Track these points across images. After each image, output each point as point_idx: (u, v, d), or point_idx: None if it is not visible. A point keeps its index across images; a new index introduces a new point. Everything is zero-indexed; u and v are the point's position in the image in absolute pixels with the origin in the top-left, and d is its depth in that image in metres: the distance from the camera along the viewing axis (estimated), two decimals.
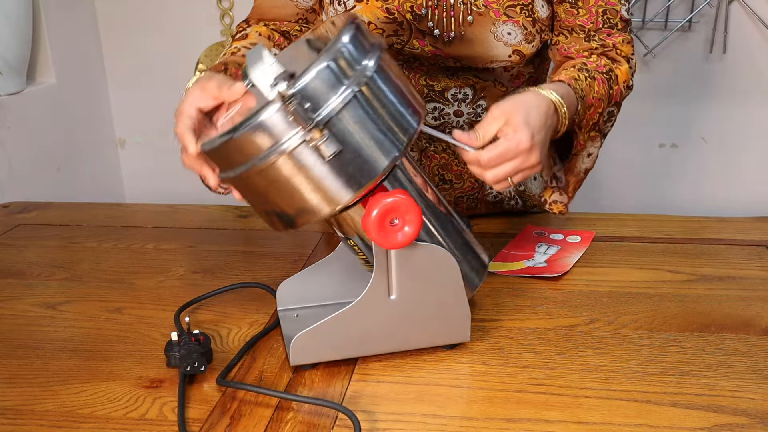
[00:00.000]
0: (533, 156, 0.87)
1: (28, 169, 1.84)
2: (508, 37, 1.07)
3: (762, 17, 1.88)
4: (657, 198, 2.08)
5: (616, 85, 1.06)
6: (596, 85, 1.02)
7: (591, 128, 1.04)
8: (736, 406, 0.77)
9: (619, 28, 1.09)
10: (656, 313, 0.96)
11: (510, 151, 0.86)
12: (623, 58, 1.09)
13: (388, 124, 0.76)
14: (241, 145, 0.74)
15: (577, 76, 1.00)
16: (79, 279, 1.12)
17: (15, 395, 0.82)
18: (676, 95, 1.99)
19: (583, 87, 0.99)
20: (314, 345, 0.83)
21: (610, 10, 1.07)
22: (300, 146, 0.72)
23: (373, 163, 0.75)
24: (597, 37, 1.09)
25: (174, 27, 2.12)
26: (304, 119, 0.71)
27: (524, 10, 1.07)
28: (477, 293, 0.99)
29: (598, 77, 1.03)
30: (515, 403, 0.78)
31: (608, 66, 1.06)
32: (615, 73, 1.07)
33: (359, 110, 0.74)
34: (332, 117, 0.72)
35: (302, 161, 0.73)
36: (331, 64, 0.73)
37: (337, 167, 0.74)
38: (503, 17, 1.06)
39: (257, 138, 0.73)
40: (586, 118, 1.01)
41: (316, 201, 0.76)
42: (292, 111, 0.71)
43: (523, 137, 0.86)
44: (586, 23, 1.08)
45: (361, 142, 0.74)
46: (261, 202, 0.80)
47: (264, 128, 0.73)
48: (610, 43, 1.09)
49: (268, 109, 0.72)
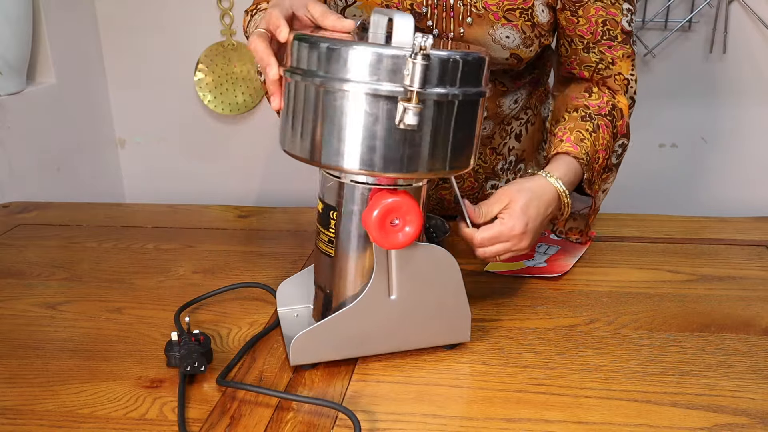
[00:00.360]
0: (524, 242, 0.91)
1: (28, 169, 1.84)
2: (506, 40, 1.06)
3: (762, 17, 1.88)
4: (657, 198, 2.08)
5: (620, 120, 1.07)
6: (602, 134, 1.03)
7: (601, 173, 1.06)
8: (736, 406, 0.77)
9: (619, 40, 1.07)
10: (656, 313, 0.96)
11: (503, 235, 0.90)
12: (621, 83, 1.09)
13: (454, 146, 0.78)
14: (346, 57, 0.74)
15: (582, 136, 1.01)
16: (79, 279, 1.12)
17: (15, 395, 0.82)
18: (676, 95, 1.99)
19: (588, 149, 1.01)
20: (314, 345, 0.83)
21: (610, 20, 1.06)
22: (389, 96, 0.73)
23: (415, 165, 0.76)
24: (596, 50, 1.08)
25: (174, 27, 2.12)
26: (416, 79, 0.72)
27: (524, 14, 1.06)
28: (477, 293, 0.99)
29: (602, 124, 1.04)
30: (515, 403, 0.78)
31: (611, 103, 1.07)
32: (618, 108, 1.07)
33: (451, 114, 0.76)
34: (435, 100, 0.74)
35: (378, 110, 0.74)
36: (466, 62, 0.75)
37: (395, 139, 0.75)
38: (502, 20, 1.06)
39: (367, 61, 0.73)
40: (596, 170, 1.03)
41: (351, 151, 0.76)
42: (415, 65, 0.71)
43: (518, 224, 0.90)
44: (585, 33, 1.07)
45: (428, 140, 0.76)
46: (301, 118, 0.79)
47: (382, 57, 0.73)
48: (609, 57, 1.08)
49: (400, 48, 0.73)
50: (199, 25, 2.09)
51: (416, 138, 0.75)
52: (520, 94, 1.19)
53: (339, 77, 0.74)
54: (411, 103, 0.72)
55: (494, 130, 1.20)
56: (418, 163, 0.77)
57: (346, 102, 0.75)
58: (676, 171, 2.06)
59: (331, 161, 0.77)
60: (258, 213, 1.37)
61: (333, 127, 0.76)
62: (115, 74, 2.20)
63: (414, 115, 0.73)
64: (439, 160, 0.78)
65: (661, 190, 2.07)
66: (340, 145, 0.76)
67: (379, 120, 0.74)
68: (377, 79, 0.73)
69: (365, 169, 0.76)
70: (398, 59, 0.72)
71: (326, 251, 0.85)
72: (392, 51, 0.73)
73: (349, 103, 0.75)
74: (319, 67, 0.76)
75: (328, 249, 0.85)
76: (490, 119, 1.18)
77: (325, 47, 0.75)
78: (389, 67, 0.73)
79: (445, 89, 0.75)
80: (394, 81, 0.73)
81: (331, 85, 0.75)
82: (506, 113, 1.18)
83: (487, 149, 1.22)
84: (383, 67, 0.73)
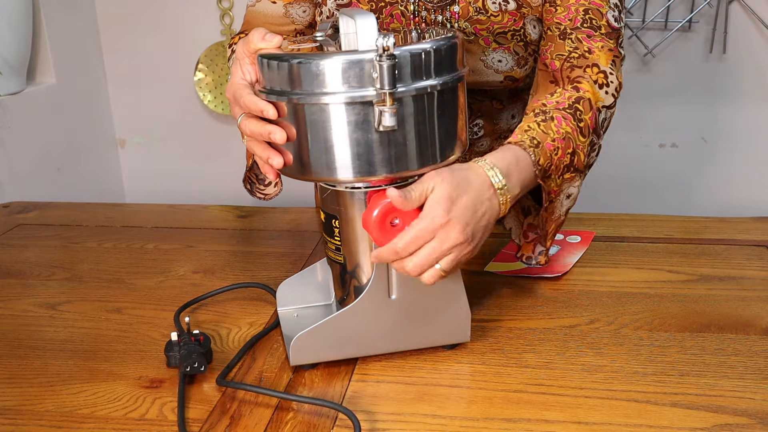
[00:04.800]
0: (452, 233, 0.76)
1: (28, 169, 1.84)
2: (498, 64, 1.04)
3: (762, 17, 1.88)
4: (657, 198, 2.08)
5: (588, 114, 0.93)
6: (556, 124, 0.90)
7: (564, 171, 0.91)
8: (736, 406, 0.77)
9: (602, 32, 0.98)
10: (656, 313, 0.96)
11: (424, 231, 0.76)
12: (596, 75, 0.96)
13: (441, 136, 0.78)
14: (315, 71, 0.73)
15: (527, 127, 0.89)
16: (79, 279, 1.12)
17: (15, 395, 0.82)
18: (676, 95, 1.99)
19: (535, 135, 0.88)
20: (314, 345, 0.83)
21: (593, 10, 0.98)
22: (364, 102, 0.73)
23: (405, 162, 0.76)
24: (574, 36, 0.98)
25: (174, 27, 2.12)
26: (386, 81, 0.71)
27: (515, 36, 1.03)
28: (477, 293, 0.99)
29: (558, 116, 0.91)
30: (515, 403, 0.78)
31: (573, 97, 0.94)
32: (585, 99, 0.94)
33: (431, 107, 0.76)
34: (412, 96, 0.74)
35: (358, 117, 0.74)
36: (436, 51, 0.75)
37: (380, 141, 0.75)
38: (493, 44, 1.04)
39: (337, 71, 0.73)
40: (554, 163, 0.88)
41: (340, 161, 0.76)
42: (382, 67, 0.71)
43: (438, 213, 0.76)
44: (563, 20, 0.99)
45: (414, 136, 0.76)
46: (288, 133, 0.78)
47: (349, 65, 0.72)
48: (586, 46, 0.97)
49: (364, 53, 0.72)
50: (199, 25, 2.10)
51: (401, 136, 0.75)
52: (518, 109, 1.17)
53: (313, 92, 0.74)
54: (386, 105, 0.72)
55: (492, 145, 1.17)
56: (408, 161, 0.77)
57: (324, 115, 0.75)
58: (676, 171, 2.06)
59: (323, 174, 0.78)
60: (258, 213, 1.37)
61: (318, 140, 0.76)
62: (115, 74, 2.20)
63: (391, 116, 0.73)
64: (428, 152, 0.78)
65: (661, 190, 2.07)
66: (328, 158, 0.76)
67: (361, 126, 0.74)
68: (349, 87, 0.73)
69: (357, 176, 0.77)
70: (365, 63, 0.72)
71: (336, 259, 0.86)
72: (357, 56, 0.72)
73: (328, 115, 0.75)
74: (291, 86, 0.75)
75: (337, 257, 0.86)
76: (487, 136, 1.16)
77: (294, 64, 0.75)
78: (358, 72, 0.72)
79: (420, 82, 0.74)
80: (366, 86, 0.73)
81: (307, 100, 0.75)
82: (504, 129, 1.17)
83: None
84: (353, 75, 0.73)
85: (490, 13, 1.02)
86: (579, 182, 0.95)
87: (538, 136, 0.88)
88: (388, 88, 0.71)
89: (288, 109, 0.77)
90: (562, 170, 0.90)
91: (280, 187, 1.00)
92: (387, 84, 0.71)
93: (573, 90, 0.95)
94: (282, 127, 0.77)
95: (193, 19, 2.10)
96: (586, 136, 0.93)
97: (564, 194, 0.94)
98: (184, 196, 2.19)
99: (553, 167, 0.89)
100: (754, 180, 2.03)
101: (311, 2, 1.09)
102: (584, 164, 0.94)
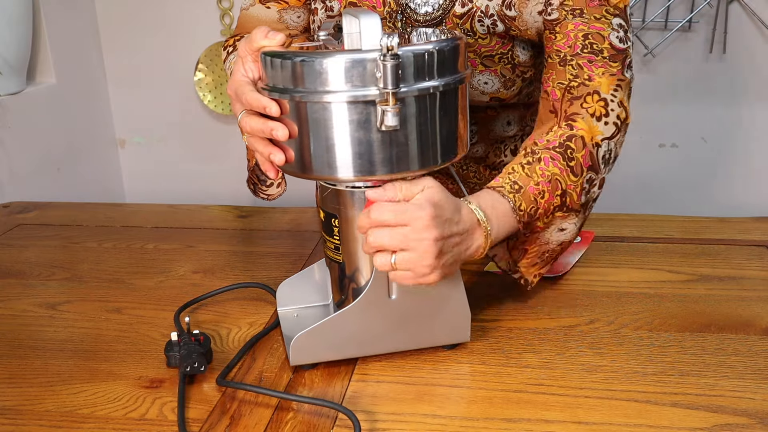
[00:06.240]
0: (427, 232, 0.75)
1: (28, 169, 1.84)
2: (484, 86, 1.04)
3: (762, 17, 1.88)
4: (657, 198, 2.08)
5: (580, 152, 0.91)
6: (542, 166, 0.88)
7: (554, 211, 0.90)
8: (736, 406, 0.77)
9: (604, 55, 0.93)
10: (656, 313, 0.96)
11: (404, 212, 0.76)
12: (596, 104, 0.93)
13: (442, 137, 0.78)
14: (319, 69, 0.74)
15: (511, 169, 0.88)
16: (79, 279, 1.12)
17: (15, 395, 0.82)
18: (676, 95, 1.99)
19: (518, 179, 0.87)
20: (314, 345, 0.83)
21: (593, 34, 0.93)
22: (367, 101, 0.73)
23: (407, 162, 0.76)
24: (574, 63, 0.94)
25: (174, 27, 2.12)
26: (389, 80, 0.71)
27: (503, 59, 1.02)
28: (477, 293, 0.99)
29: (546, 156, 0.89)
30: (515, 403, 0.78)
31: (564, 135, 0.91)
32: (576, 139, 0.91)
33: (434, 108, 0.76)
34: (414, 96, 0.74)
35: (360, 116, 0.74)
36: (440, 52, 0.75)
37: (382, 141, 0.75)
38: (480, 67, 1.02)
39: (340, 70, 0.73)
40: (541, 206, 0.87)
41: (342, 160, 0.76)
42: (386, 67, 0.71)
43: (425, 207, 0.76)
44: (563, 47, 0.95)
45: (415, 136, 0.76)
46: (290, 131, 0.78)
47: (352, 64, 0.72)
48: (587, 73, 0.93)
49: (368, 52, 0.72)
50: (199, 25, 2.10)
51: (403, 136, 0.75)
52: (513, 116, 1.14)
53: (316, 90, 0.74)
54: (389, 105, 0.72)
55: (487, 150, 1.16)
56: (409, 161, 0.77)
57: (326, 113, 0.75)
58: (676, 171, 2.06)
59: (324, 173, 0.78)
60: (258, 213, 1.37)
61: (319, 139, 0.76)
62: (115, 74, 2.20)
63: (393, 116, 0.73)
64: (430, 153, 0.78)
65: (661, 190, 2.07)
66: (329, 156, 0.76)
67: (362, 125, 0.74)
68: (353, 86, 0.73)
69: (358, 175, 0.77)
70: (369, 63, 0.72)
71: (335, 258, 0.86)
72: (361, 56, 0.73)
73: (330, 113, 0.75)
74: (294, 83, 0.76)
75: (336, 256, 0.86)
76: (481, 142, 1.15)
77: (298, 62, 0.75)
78: (362, 72, 0.73)
79: (423, 83, 0.75)
80: (369, 85, 0.73)
81: (310, 98, 0.75)
82: (499, 134, 1.15)
83: (481, 167, 1.18)
84: (356, 74, 0.73)
85: (478, 35, 1.00)
86: (575, 219, 0.93)
87: (521, 180, 0.87)
88: (391, 88, 0.72)
89: (290, 106, 0.77)
90: (552, 211, 0.90)
91: (283, 187, 1.00)
92: (390, 84, 0.71)
93: (566, 128, 0.93)
94: (284, 124, 0.78)
95: (193, 19, 2.10)
96: (578, 175, 0.90)
97: (555, 227, 0.92)
98: (184, 196, 2.19)
99: (541, 211, 0.88)
100: (754, 180, 2.03)
101: (305, 8, 1.09)
102: (580, 203, 0.92)
